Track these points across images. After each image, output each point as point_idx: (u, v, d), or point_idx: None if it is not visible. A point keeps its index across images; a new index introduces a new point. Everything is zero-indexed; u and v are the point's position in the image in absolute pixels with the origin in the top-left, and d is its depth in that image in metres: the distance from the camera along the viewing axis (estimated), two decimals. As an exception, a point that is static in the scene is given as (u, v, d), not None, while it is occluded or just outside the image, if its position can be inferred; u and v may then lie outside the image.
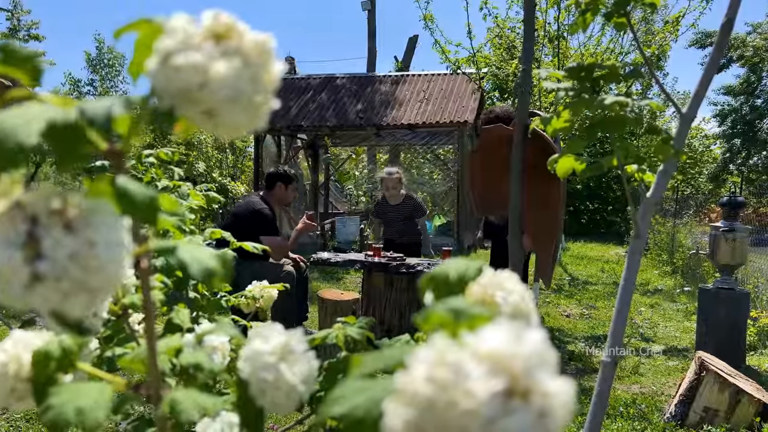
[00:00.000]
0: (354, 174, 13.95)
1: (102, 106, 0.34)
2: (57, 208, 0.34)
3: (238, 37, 0.36)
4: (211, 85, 0.34)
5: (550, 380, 0.30)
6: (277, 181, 4.63)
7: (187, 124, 0.37)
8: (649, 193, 1.25)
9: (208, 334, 0.62)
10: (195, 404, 0.48)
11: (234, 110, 0.36)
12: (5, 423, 3.26)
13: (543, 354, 0.31)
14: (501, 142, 3.59)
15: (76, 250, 0.33)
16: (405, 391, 0.31)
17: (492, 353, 0.30)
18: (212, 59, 0.35)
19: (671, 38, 8.22)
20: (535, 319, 0.51)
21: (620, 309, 1.24)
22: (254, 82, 0.36)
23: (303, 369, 0.51)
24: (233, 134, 0.37)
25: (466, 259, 0.49)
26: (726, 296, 4.51)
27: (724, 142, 22.62)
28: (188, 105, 0.35)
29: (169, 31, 0.36)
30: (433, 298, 0.48)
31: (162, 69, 0.35)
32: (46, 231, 0.33)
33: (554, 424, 0.30)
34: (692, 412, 3.38)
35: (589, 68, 1.13)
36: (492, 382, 0.29)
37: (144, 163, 1.49)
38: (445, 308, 0.37)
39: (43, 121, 0.34)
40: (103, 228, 0.34)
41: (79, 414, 0.46)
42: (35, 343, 0.52)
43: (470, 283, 0.48)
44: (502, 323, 0.32)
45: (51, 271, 0.32)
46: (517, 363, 0.30)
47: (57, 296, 0.33)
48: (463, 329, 0.36)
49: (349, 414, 0.39)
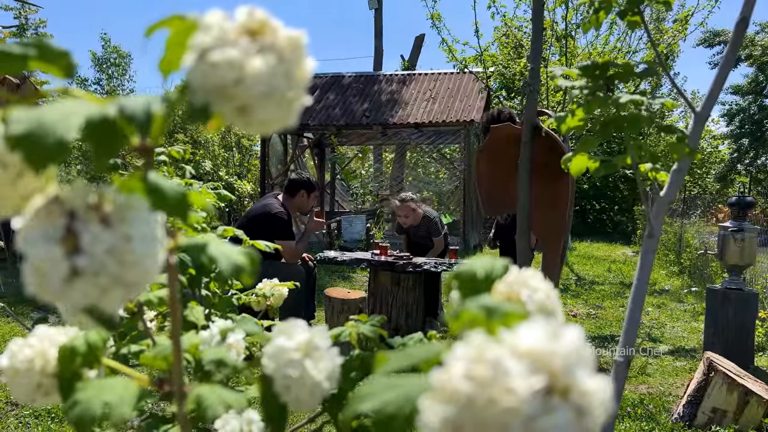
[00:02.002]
0: (360, 173, 13.95)
1: (141, 103, 0.34)
2: (94, 203, 0.34)
3: (272, 33, 0.36)
4: (246, 80, 0.34)
5: (589, 378, 0.30)
6: (300, 188, 4.58)
7: (220, 121, 0.37)
8: (662, 192, 1.24)
9: (230, 330, 0.62)
10: (220, 400, 0.48)
11: (268, 106, 0.36)
12: (14, 419, 3.28)
13: (581, 352, 0.31)
14: (509, 140, 3.59)
15: (113, 244, 0.33)
16: (443, 388, 0.31)
17: (531, 351, 0.30)
18: (248, 55, 0.35)
19: (680, 37, 8.19)
20: (561, 317, 0.51)
21: (633, 309, 1.24)
22: (288, 78, 0.36)
23: (327, 365, 0.51)
24: (265, 130, 0.37)
25: (491, 257, 0.49)
26: (734, 297, 4.48)
27: (732, 142, 22.51)
28: (223, 101, 0.35)
29: (204, 27, 0.36)
30: (459, 296, 0.48)
31: (199, 65, 0.35)
32: (84, 226, 0.33)
33: (593, 423, 0.30)
34: (700, 412, 3.37)
35: (603, 66, 1.12)
36: (532, 379, 0.29)
37: (155, 161, 1.50)
38: (477, 306, 0.37)
39: (82, 116, 0.34)
40: (139, 223, 0.34)
41: (106, 409, 0.47)
42: (60, 339, 0.52)
43: (497, 281, 0.48)
44: (538, 320, 0.32)
45: (89, 265, 0.32)
46: (557, 361, 0.30)
47: (95, 291, 0.33)
48: (498, 327, 0.36)
49: (380, 410, 0.39)
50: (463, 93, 11.34)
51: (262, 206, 4.48)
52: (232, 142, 14.67)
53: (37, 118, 0.34)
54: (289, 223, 4.46)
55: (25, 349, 0.51)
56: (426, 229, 5.36)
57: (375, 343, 0.92)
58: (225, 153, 14.40)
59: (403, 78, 12.41)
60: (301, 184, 4.60)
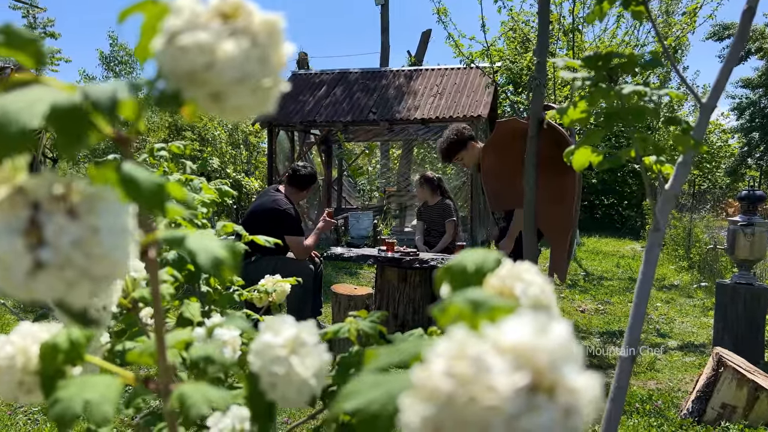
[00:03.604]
0: (367, 169, 13.93)
1: (107, 89, 0.33)
2: (60, 193, 0.32)
3: (246, 16, 0.35)
4: (217, 65, 0.33)
5: (577, 375, 0.28)
6: (312, 183, 4.67)
7: (194, 108, 0.36)
8: (667, 185, 1.22)
9: (218, 327, 0.61)
10: (204, 398, 0.47)
11: (241, 92, 0.34)
12: (23, 416, 3.29)
13: (569, 347, 0.29)
14: (514, 135, 3.56)
15: (79, 236, 0.31)
16: (423, 386, 0.29)
17: (515, 346, 0.28)
18: (219, 39, 0.33)
19: (688, 30, 8.11)
20: (556, 312, 0.49)
21: (638, 304, 1.22)
22: (262, 63, 0.34)
23: (314, 362, 0.49)
24: (240, 118, 0.36)
25: (483, 251, 0.48)
26: (744, 292, 4.44)
27: (742, 135, 22.30)
28: (195, 87, 0.34)
29: (175, 10, 0.34)
30: (450, 290, 0.46)
31: (168, 49, 0.33)
32: (48, 217, 0.31)
33: (581, 422, 0.28)
34: (710, 408, 3.34)
35: (606, 57, 1.10)
36: (515, 376, 0.27)
37: (156, 156, 1.49)
38: (464, 299, 0.36)
39: (46, 103, 0.32)
40: (107, 214, 0.33)
41: (87, 407, 0.45)
42: (43, 336, 0.51)
43: (488, 275, 0.46)
44: (525, 315, 0.31)
45: (54, 258, 0.31)
46: (542, 357, 0.28)
47: (60, 284, 0.31)
48: (483, 321, 0.34)
49: (363, 409, 0.37)
50: (470, 88, 11.28)
51: (270, 202, 4.45)
52: (240, 139, 14.68)
53: (2, 106, 0.32)
54: (297, 219, 4.46)
55: (7, 346, 0.50)
56: (440, 211, 5.43)
57: (375, 340, 0.90)
58: (232, 150, 14.42)
59: (409, 73, 12.37)
60: (312, 179, 4.64)
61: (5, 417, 3.24)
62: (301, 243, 4.36)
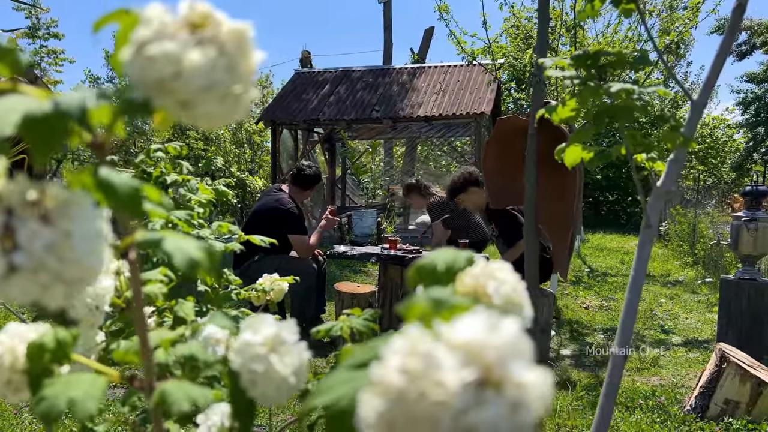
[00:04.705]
0: (371, 167, 13.94)
1: (76, 98, 0.34)
2: (33, 199, 0.34)
3: (214, 26, 0.36)
4: (184, 74, 0.34)
5: (525, 371, 0.30)
6: (316, 182, 4.69)
7: (164, 115, 0.37)
8: (659, 182, 1.22)
9: (202, 325, 0.62)
10: (186, 396, 0.48)
11: (209, 101, 0.35)
12: (29, 415, 3.33)
13: (518, 344, 0.30)
14: (516, 133, 3.57)
15: (52, 241, 0.33)
16: (379, 382, 0.30)
17: (465, 343, 0.30)
18: (186, 48, 0.34)
19: (691, 25, 8.08)
20: (528, 310, 0.50)
21: (630, 300, 1.22)
22: (230, 71, 0.36)
23: (294, 360, 0.51)
24: (210, 125, 0.37)
25: (455, 250, 0.49)
26: (748, 287, 4.43)
27: (747, 130, 22.19)
28: (163, 95, 0.35)
29: (144, 20, 0.36)
30: (422, 289, 0.47)
31: (136, 59, 0.34)
32: (21, 222, 0.33)
33: (529, 416, 0.29)
34: (713, 404, 3.34)
35: (594, 55, 1.11)
36: (464, 372, 0.29)
37: (153, 157, 1.50)
38: (426, 298, 0.37)
39: (19, 113, 0.34)
40: (80, 219, 0.34)
41: (71, 405, 0.47)
42: (30, 336, 0.53)
43: (459, 274, 0.47)
44: (480, 313, 0.32)
45: (27, 262, 0.32)
46: (491, 353, 0.29)
47: (34, 287, 0.33)
48: (441, 319, 0.35)
49: (332, 405, 0.38)
50: (473, 85, 11.27)
51: (273, 201, 4.47)
52: (244, 138, 14.72)
53: (-23, 115, 0.34)
54: (301, 218, 4.47)
55: (-6, 346, 0.51)
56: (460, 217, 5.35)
57: (368, 337, 0.91)
58: (236, 149, 14.47)
59: (412, 71, 12.37)
60: (316, 179, 4.66)
61: (11, 417, 3.27)
62: (305, 242, 4.38)
